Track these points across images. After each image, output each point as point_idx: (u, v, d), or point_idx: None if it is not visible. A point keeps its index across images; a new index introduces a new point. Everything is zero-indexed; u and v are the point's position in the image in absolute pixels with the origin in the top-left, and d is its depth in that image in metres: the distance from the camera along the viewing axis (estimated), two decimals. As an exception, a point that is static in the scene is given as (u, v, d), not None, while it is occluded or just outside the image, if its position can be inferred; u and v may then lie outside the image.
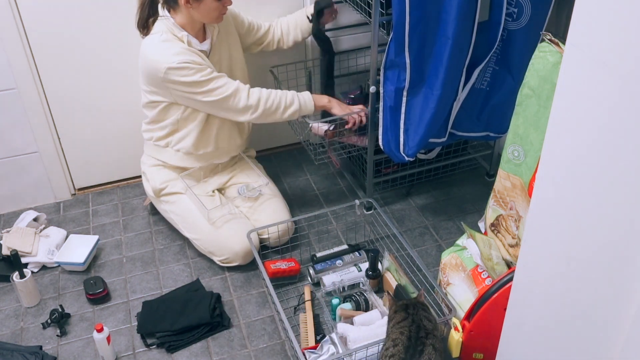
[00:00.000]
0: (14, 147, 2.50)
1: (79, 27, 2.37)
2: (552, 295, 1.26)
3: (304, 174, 2.82)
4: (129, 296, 2.22)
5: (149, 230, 2.51)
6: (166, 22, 2.11)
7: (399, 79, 2.12)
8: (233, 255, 2.23)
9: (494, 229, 1.94)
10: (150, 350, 2.02)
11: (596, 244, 1.09)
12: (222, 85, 2.13)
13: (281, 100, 2.20)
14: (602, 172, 1.03)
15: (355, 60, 2.75)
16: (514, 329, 1.48)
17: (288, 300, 2.17)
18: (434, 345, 1.60)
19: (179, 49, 2.09)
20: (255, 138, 2.70)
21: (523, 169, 1.78)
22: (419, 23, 1.99)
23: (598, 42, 0.98)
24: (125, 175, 2.78)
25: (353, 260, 2.24)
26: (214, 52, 2.23)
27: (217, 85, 2.12)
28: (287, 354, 1.99)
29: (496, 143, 2.65)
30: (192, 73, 2.08)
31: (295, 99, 2.22)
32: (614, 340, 1.09)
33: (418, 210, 2.57)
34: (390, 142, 2.25)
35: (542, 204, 1.23)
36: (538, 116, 1.68)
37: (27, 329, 2.11)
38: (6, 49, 2.29)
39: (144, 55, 2.12)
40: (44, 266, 2.34)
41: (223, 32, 2.27)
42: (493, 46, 2.11)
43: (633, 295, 1.02)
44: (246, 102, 2.16)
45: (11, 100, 2.40)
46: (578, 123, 1.07)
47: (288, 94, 2.22)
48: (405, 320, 1.67)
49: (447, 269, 2.02)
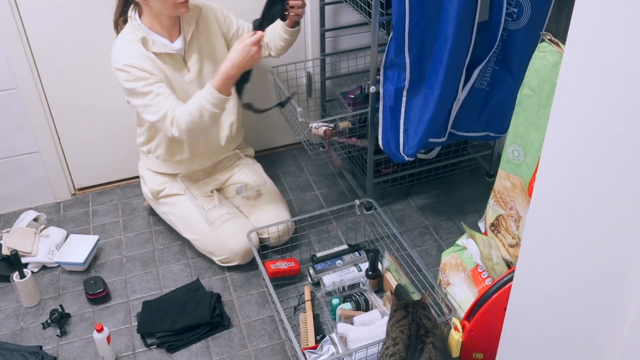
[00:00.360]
0: (14, 147, 2.50)
1: (79, 27, 2.37)
2: (552, 295, 1.26)
3: (304, 174, 2.82)
4: (129, 296, 2.22)
5: (149, 230, 2.51)
6: (132, 22, 2.10)
7: (398, 79, 2.12)
8: (232, 254, 2.24)
9: (494, 229, 1.94)
10: (150, 350, 2.02)
11: (596, 244, 1.09)
12: (155, 104, 2.03)
13: (191, 117, 2.01)
14: (602, 172, 1.03)
15: (355, 60, 2.75)
16: (514, 329, 1.48)
17: (288, 300, 2.17)
18: (434, 344, 1.61)
19: (130, 52, 2.05)
20: (255, 138, 2.71)
21: (523, 169, 1.78)
22: (418, 23, 1.99)
23: (598, 42, 0.98)
24: (125, 175, 2.78)
25: (353, 260, 2.24)
26: (190, 51, 2.18)
27: (151, 102, 2.04)
28: (287, 354, 1.99)
29: (496, 143, 2.65)
30: (132, 79, 2.02)
31: (204, 104, 2.00)
32: (614, 340, 1.09)
33: (418, 210, 2.57)
34: (390, 142, 2.25)
35: (542, 204, 1.23)
36: (538, 116, 1.68)
37: (27, 329, 2.10)
38: (6, 49, 2.29)
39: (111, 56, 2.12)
40: (44, 266, 2.34)
41: (203, 31, 2.21)
42: (493, 46, 2.11)
43: (633, 295, 1.02)
44: (171, 130, 2.04)
45: (11, 100, 2.40)
46: (578, 123, 1.07)
47: (193, 100, 2.02)
48: (405, 318, 1.67)
49: (447, 269, 2.02)
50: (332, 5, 2.61)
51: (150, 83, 2.04)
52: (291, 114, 2.53)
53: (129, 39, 2.08)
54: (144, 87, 2.03)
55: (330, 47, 2.73)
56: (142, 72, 2.03)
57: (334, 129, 2.37)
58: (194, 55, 2.19)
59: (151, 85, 2.03)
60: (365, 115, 2.35)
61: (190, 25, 2.17)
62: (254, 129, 2.82)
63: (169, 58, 2.14)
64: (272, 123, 2.86)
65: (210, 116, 2.02)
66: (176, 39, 2.15)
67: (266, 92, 2.74)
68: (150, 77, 2.04)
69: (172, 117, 2.02)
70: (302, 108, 2.36)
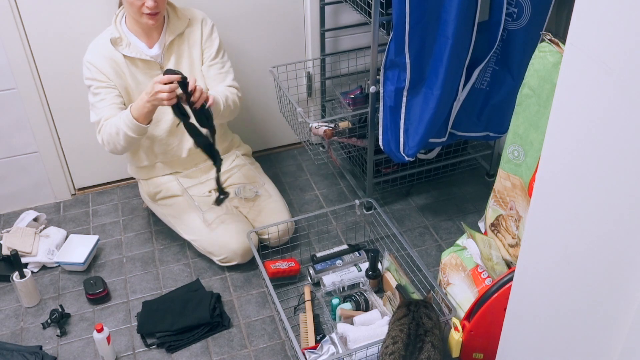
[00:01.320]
0: (14, 147, 2.50)
1: (79, 27, 2.37)
2: (552, 295, 1.26)
3: (304, 174, 2.82)
4: (129, 296, 2.22)
5: (149, 230, 2.51)
6: (114, 20, 2.15)
7: (399, 79, 2.12)
8: (232, 254, 2.23)
9: (494, 229, 1.94)
10: (150, 350, 2.02)
11: (596, 244, 1.09)
12: (97, 107, 2.10)
13: (111, 131, 2.05)
14: (602, 172, 1.03)
15: (355, 60, 2.75)
16: (514, 329, 1.48)
17: (288, 300, 2.17)
18: (433, 343, 1.61)
19: (98, 50, 2.11)
20: (256, 138, 2.71)
21: (523, 169, 1.78)
22: (419, 23, 1.99)
23: (598, 42, 0.98)
24: (125, 175, 2.77)
25: (353, 260, 2.24)
26: (167, 59, 2.19)
27: (96, 104, 2.10)
28: (287, 354, 1.99)
29: (496, 143, 2.65)
30: (89, 77, 2.09)
31: (121, 126, 2.02)
32: (614, 340, 1.09)
33: (418, 210, 2.57)
34: (390, 142, 2.25)
35: (542, 204, 1.23)
36: (538, 116, 1.68)
37: (27, 329, 2.10)
38: (6, 49, 2.29)
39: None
40: (44, 266, 2.34)
41: (185, 42, 2.20)
42: (493, 46, 2.11)
43: (633, 295, 1.01)
44: (97, 137, 2.12)
45: (11, 100, 2.40)
46: (578, 123, 1.07)
47: (112, 120, 2.06)
48: (406, 317, 1.67)
49: (447, 269, 2.02)
50: (332, 5, 2.61)
51: (102, 87, 2.10)
52: (291, 114, 2.54)
53: (105, 36, 2.13)
54: (96, 89, 2.11)
55: (330, 47, 2.73)
56: (99, 74, 2.10)
57: (334, 129, 2.37)
58: (170, 63, 2.19)
59: (102, 89, 2.10)
60: (365, 115, 2.35)
61: (171, 34, 2.17)
62: (254, 129, 2.82)
63: (143, 63, 2.15)
64: (272, 123, 2.86)
65: (125, 138, 2.05)
66: (154, 44, 2.17)
67: (266, 92, 2.75)
68: (104, 81, 2.10)
69: (101, 125, 2.10)
70: (302, 108, 2.37)
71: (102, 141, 2.12)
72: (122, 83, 2.15)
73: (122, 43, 2.11)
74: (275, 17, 2.59)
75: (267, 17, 2.48)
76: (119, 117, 2.05)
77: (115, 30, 2.12)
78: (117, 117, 2.06)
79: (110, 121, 2.08)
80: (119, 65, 2.12)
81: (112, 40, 2.10)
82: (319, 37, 2.68)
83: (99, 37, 2.16)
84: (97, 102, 2.11)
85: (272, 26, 2.43)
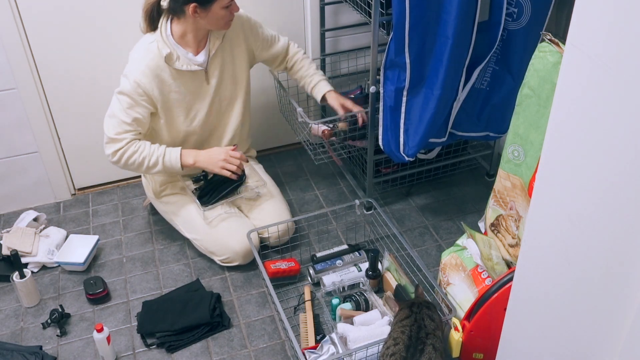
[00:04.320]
0: (14, 147, 2.50)
1: (79, 27, 2.37)
2: (552, 295, 1.26)
3: (304, 174, 2.82)
4: (129, 296, 2.22)
5: (149, 230, 2.51)
6: (162, 32, 2.07)
7: (399, 79, 2.12)
8: (234, 254, 2.23)
9: (494, 229, 1.94)
10: (150, 350, 2.02)
11: (596, 244, 1.09)
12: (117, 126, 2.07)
13: (144, 160, 2.11)
14: (602, 172, 1.03)
15: (355, 60, 2.75)
16: (514, 329, 1.48)
17: (288, 300, 2.17)
18: (434, 345, 1.60)
19: (145, 67, 2.05)
20: (256, 138, 2.70)
21: (523, 169, 1.78)
22: (419, 23, 1.99)
23: (598, 42, 0.98)
24: (125, 175, 2.78)
25: (353, 260, 2.24)
26: (212, 65, 2.18)
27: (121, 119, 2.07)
28: (287, 354, 1.99)
29: (496, 143, 2.65)
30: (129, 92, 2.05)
31: (160, 160, 2.12)
32: (614, 340, 1.09)
33: (418, 210, 2.57)
34: (390, 142, 2.25)
35: (542, 204, 1.23)
36: (538, 116, 1.68)
37: (27, 329, 2.10)
38: (6, 49, 2.29)
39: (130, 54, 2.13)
40: (44, 266, 2.34)
41: (228, 44, 2.21)
42: (493, 46, 2.11)
43: (633, 295, 1.01)
44: (109, 156, 2.12)
45: (11, 100, 2.40)
46: (578, 123, 1.07)
47: (154, 154, 2.11)
48: (408, 318, 1.67)
49: (447, 269, 2.02)
50: (332, 5, 2.61)
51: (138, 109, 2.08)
52: (291, 114, 2.54)
53: (153, 49, 2.06)
54: (129, 107, 2.07)
55: (330, 47, 2.73)
56: (143, 96, 2.07)
57: (332, 129, 2.37)
58: (216, 69, 2.19)
59: (137, 111, 2.08)
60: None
61: (217, 39, 2.16)
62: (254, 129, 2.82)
63: (190, 74, 2.14)
64: (272, 123, 2.86)
65: (156, 171, 2.15)
66: (201, 51, 2.14)
67: (266, 92, 2.75)
68: (142, 104, 2.07)
69: (121, 148, 2.09)
70: (302, 108, 2.37)
71: (119, 158, 2.10)
72: (164, 100, 2.12)
73: (173, 58, 2.08)
74: (275, 17, 2.59)
75: (267, 17, 2.48)
76: (161, 158, 2.11)
77: (165, 47, 2.06)
78: (155, 154, 2.11)
79: (143, 150, 2.10)
80: (165, 83, 2.09)
81: (166, 57, 2.06)
82: (319, 37, 2.68)
83: (145, 52, 2.07)
84: (122, 122, 2.07)
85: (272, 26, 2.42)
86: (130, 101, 2.06)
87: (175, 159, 2.13)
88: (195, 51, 2.13)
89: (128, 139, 2.09)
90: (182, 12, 2.02)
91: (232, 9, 2.06)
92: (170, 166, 2.13)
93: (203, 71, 2.17)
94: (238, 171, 2.18)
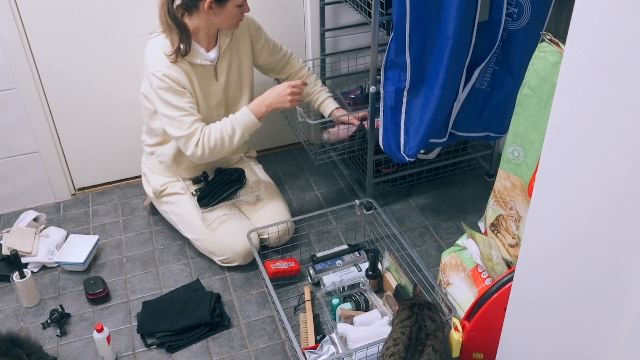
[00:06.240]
0: (14, 147, 2.50)
1: (79, 27, 2.37)
2: (552, 295, 1.26)
3: (304, 174, 2.82)
4: (129, 296, 2.22)
5: (149, 230, 2.51)
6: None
7: (399, 79, 2.12)
8: (234, 255, 2.23)
9: (494, 229, 1.94)
10: (150, 350, 2.02)
11: (596, 243, 1.09)
12: (184, 122, 2.08)
13: (222, 133, 2.12)
14: (602, 172, 1.03)
15: (355, 60, 2.75)
16: (514, 329, 1.48)
17: (288, 300, 2.17)
18: (434, 347, 1.60)
19: (166, 61, 2.06)
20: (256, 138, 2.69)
21: (523, 169, 1.78)
22: (419, 23, 1.99)
23: (598, 42, 0.98)
24: (125, 175, 2.78)
25: (353, 260, 2.24)
26: (222, 62, 2.20)
27: (180, 119, 2.08)
28: (287, 354, 1.99)
29: (496, 143, 2.65)
30: (166, 89, 2.05)
31: (235, 125, 2.14)
32: (614, 340, 1.09)
33: (418, 210, 2.57)
34: (391, 142, 2.25)
35: (542, 204, 1.23)
36: (538, 116, 1.68)
37: (27, 329, 2.10)
38: (6, 49, 2.29)
39: (145, 55, 2.12)
40: (44, 266, 2.34)
41: (235, 42, 2.24)
42: (493, 46, 2.11)
43: (633, 295, 1.02)
44: (192, 151, 2.11)
45: (11, 100, 2.40)
46: (578, 123, 1.07)
47: (226, 124, 2.14)
48: (409, 319, 1.67)
49: (447, 269, 2.02)
50: (332, 5, 2.61)
51: (185, 101, 2.08)
52: (291, 114, 2.54)
53: (167, 44, 2.08)
54: (178, 102, 2.07)
55: (330, 47, 2.73)
56: (177, 86, 2.07)
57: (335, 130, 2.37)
58: (224, 66, 2.21)
59: (185, 103, 2.08)
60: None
61: (227, 37, 2.20)
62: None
63: (202, 68, 2.15)
64: (272, 123, 2.85)
65: (240, 139, 2.15)
66: (212, 48, 2.17)
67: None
68: (184, 93, 2.08)
69: (199, 138, 2.10)
70: (302, 108, 2.37)
71: (203, 148, 2.10)
72: (191, 89, 2.13)
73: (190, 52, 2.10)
74: (276, 17, 2.59)
75: (267, 17, 2.48)
76: (235, 121, 2.14)
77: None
78: (228, 121, 2.14)
79: (215, 127, 2.12)
80: (187, 72, 2.11)
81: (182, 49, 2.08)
82: (319, 37, 2.68)
83: (162, 47, 2.07)
84: (182, 116, 2.08)
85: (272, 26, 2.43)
86: (172, 94, 2.07)
87: (247, 115, 2.15)
88: (206, 48, 2.16)
89: (198, 127, 2.10)
90: (196, 7, 2.05)
91: (244, 9, 2.10)
92: (247, 124, 2.15)
93: (213, 68, 2.18)
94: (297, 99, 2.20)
